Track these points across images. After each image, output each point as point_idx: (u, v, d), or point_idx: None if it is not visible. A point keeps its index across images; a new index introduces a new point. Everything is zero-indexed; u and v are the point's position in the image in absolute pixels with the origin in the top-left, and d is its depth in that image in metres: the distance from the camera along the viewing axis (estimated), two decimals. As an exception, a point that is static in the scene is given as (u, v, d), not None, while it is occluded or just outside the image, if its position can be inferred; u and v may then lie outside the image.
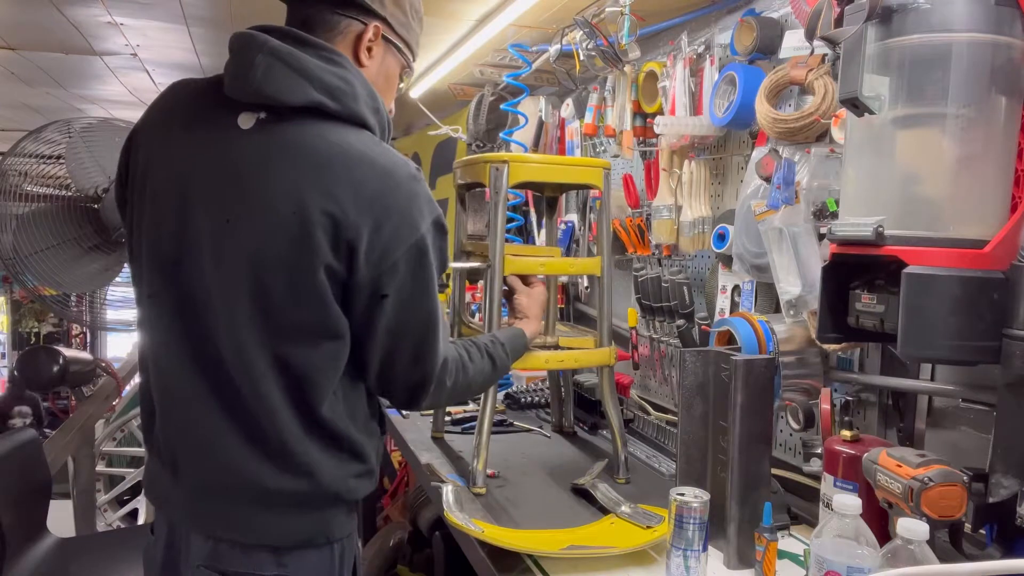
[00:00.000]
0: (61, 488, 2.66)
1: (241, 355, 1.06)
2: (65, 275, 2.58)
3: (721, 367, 1.33)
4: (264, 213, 1.04)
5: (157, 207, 1.12)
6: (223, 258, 1.06)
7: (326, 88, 1.07)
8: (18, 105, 3.71)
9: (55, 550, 2.06)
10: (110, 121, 2.77)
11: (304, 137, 1.06)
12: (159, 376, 1.14)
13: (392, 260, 1.07)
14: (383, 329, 1.11)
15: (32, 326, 6.21)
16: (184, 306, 1.09)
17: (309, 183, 1.03)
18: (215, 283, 1.07)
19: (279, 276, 1.04)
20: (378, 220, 1.05)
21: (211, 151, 1.09)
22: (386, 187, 1.07)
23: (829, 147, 1.42)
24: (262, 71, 1.04)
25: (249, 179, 1.06)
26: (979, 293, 1.01)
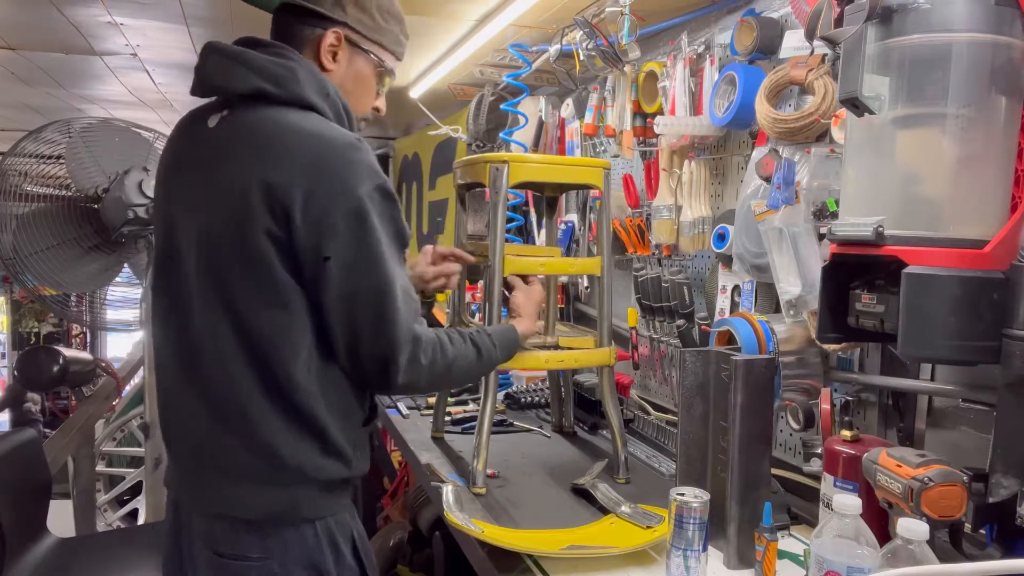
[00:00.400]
0: (61, 488, 2.66)
1: (208, 331, 1.15)
2: (65, 275, 2.58)
3: (721, 367, 1.33)
4: (216, 193, 1.15)
5: (156, 212, 1.29)
6: (190, 240, 1.17)
7: (268, 76, 1.17)
8: (18, 105, 3.71)
9: (55, 550, 2.06)
10: (110, 121, 2.77)
11: (253, 121, 1.16)
12: (157, 364, 1.27)
13: (329, 222, 1.11)
14: (336, 296, 1.13)
15: (32, 326, 6.21)
16: (168, 293, 1.22)
17: (252, 158, 1.13)
18: (188, 266, 1.18)
19: (227, 248, 1.13)
20: (312, 182, 1.11)
21: (185, 153, 1.25)
22: (321, 153, 1.13)
23: (829, 147, 1.42)
24: (211, 66, 1.20)
25: (208, 168, 1.18)
26: (979, 293, 1.01)
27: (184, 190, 1.22)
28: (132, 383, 3.55)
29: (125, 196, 2.50)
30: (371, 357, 1.17)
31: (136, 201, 2.52)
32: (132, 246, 2.69)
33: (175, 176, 1.25)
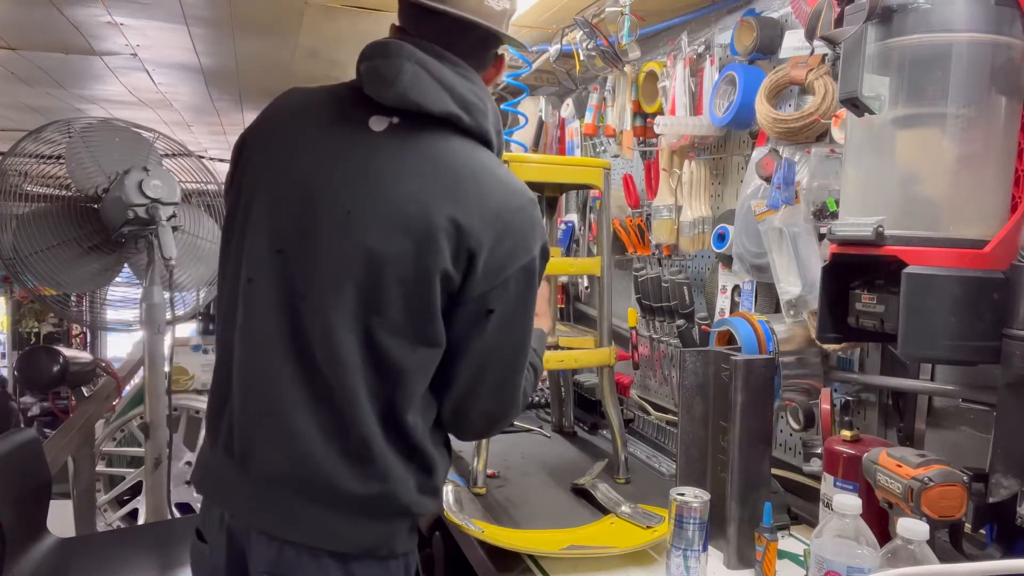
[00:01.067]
0: (61, 488, 2.66)
1: (335, 348, 1.04)
2: (65, 275, 2.58)
3: (721, 367, 1.33)
4: (389, 211, 1.04)
5: (275, 197, 1.10)
6: (336, 249, 1.05)
7: (463, 102, 1.09)
8: (18, 105, 3.70)
9: (55, 550, 2.06)
10: (110, 121, 2.77)
11: (436, 147, 1.08)
12: (246, 359, 1.11)
13: (504, 276, 1.07)
14: (480, 348, 1.09)
15: (32, 326, 6.21)
16: (283, 293, 1.08)
17: (438, 190, 1.05)
18: (321, 274, 1.06)
19: (394, 274, 1.03)
20: (500, 234, 1.06)
21: (340, 148, 1.10)
22: (510, 205, 1.09)
23: (829, 147, 1.42)
24: (409, 77, 1.06)
25: (376, 177, 1.06)
26: (979, 293, 1.01)
27: (333, 186, 1.07)
28: (132, 383, 3.55)
29: (125, 196, 2.50)
30: (481, 410, 1.14)
31: (136, 201, 2.52)
32: (132, 246, 2.69)
33: (317, 164, 1.09)
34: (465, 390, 1.12)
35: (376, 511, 1.09)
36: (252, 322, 1.10)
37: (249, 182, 1.14)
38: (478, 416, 1.15)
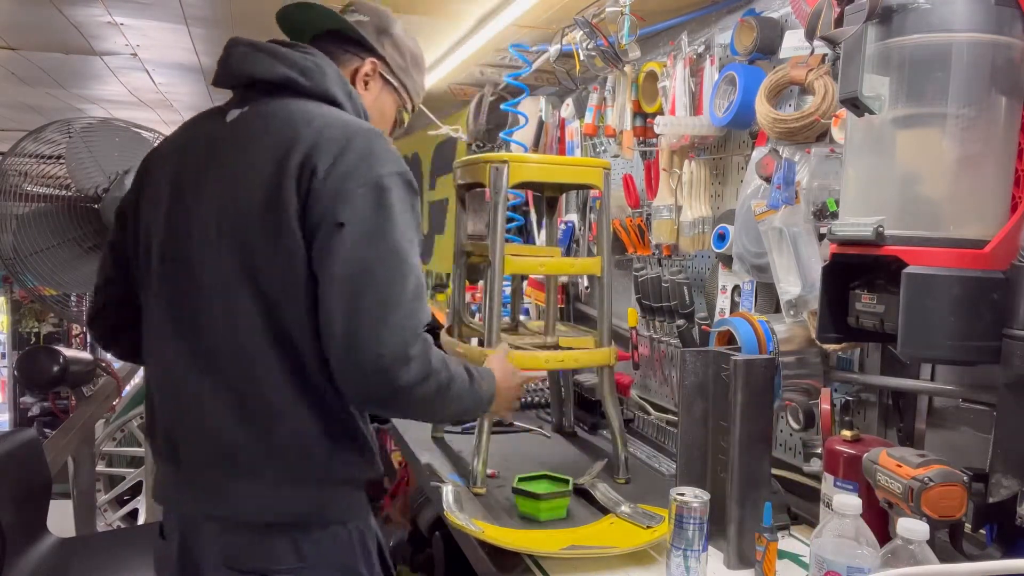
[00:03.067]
0: (61, 488, 2.66)
1: (229, 318, 1.10)
2: (65, 275, 2.58)
3: (721, 367, 1.33)
4: (241, 173, 1.12)
5: (154, 206, 1.21)
6: (207, 228, 1.12)
7: (295, 66, 1.18)
8: (18, 105, 3.71)
9: (55, 550, 2.06)
10: (110, 121, 2.76)
11: (278, 109, 1.16)
12: (155, 363, 1.21)
13: (347, 188, 1.07)
14: (342, 269, 1.04)
15: (32, 326, 6.21)
16: (174, 289, 1.16)
17: (279, 139, 1.11)
18: (204, 257, 1.12)
19: (253, 224, 1.09)
20: (338, 154, 1.09)
21: (198, 145, 1.20)
22: (350, 134, 1.12)
23: (829, 147, 1.42)
24: (238, 56, 1.19)
25: (228, 152, 1.15)
26: (979, 293, 1.01)
27: (201, 184, 1.15)
28: (132, 383, 3.55)
29: (125, 196, 2.50)
30: (373, 349, 1.02)
31: (136, 201, 2.52)
32: (132, 246, 2.69)
33: (184, 175, 1.18)
34: (343, 326, 1.03)
35: (301, 477, 1.11)
36: (155, 328, 1.20)
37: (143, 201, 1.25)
38: (370, 354, 1.03)
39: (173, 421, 1.17)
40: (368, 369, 1.04)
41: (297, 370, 1.09)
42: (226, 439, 1.11)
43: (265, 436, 1.10)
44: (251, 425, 1.10)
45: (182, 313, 1.15)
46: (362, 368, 1.04)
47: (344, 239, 1.05)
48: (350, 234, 1.05)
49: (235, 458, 1.11)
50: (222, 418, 1.11)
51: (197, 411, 1.13)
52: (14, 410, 6.01)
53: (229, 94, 1.25)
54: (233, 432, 1.10)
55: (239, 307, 1.09)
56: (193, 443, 1.15)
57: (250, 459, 1.10)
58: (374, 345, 1.03)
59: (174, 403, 1.17)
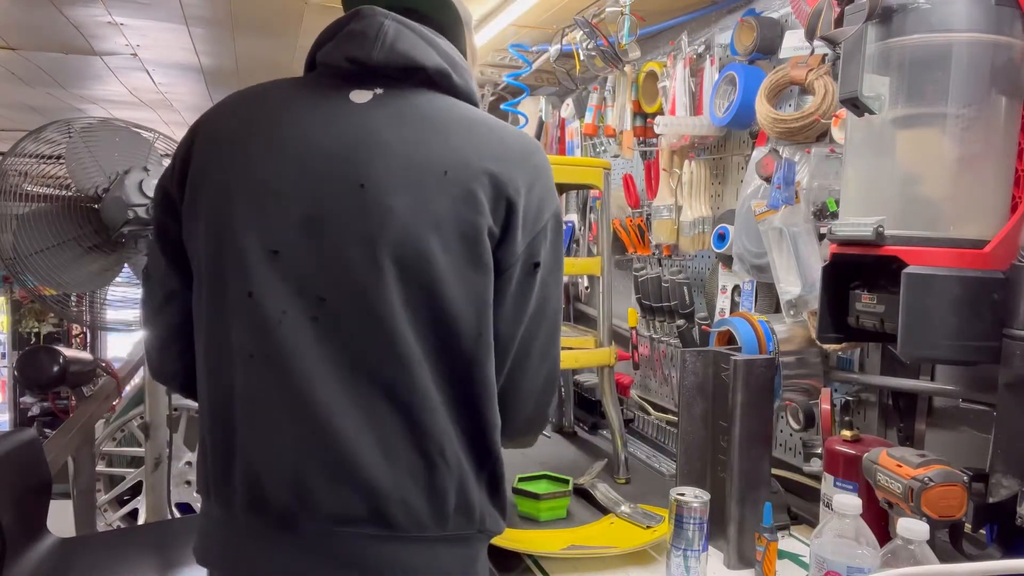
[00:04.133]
0: (61, 488, 2.66)
1: (390, 345, 0.87)
2: (65, 275, 2.57)
3: (721, 367, 1.33)
4: (411, 174, 0.89)
5: (253, 194, 0.92)
6: (354, 233, 0.88)
7: (449, 59, 0.98)
8: (18, 105, 3.70)
9: (55, 550, 2.06)
10: (110, 121, 2.76)
11: (434, 105, 0.95)
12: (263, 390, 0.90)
13: (543, 224, 0.95)
14: (530, 309, 0.95)
15: (32, 326, 6.21)
16: (298, 300, 0.89)
17: (456, 142, 0.92)
18: (343, 265, 0.89)
19: (438, 241, 0.88)
20: (531, 177, 0.94)
21: (326, 128, 0.93)
22: (529, 147, 0.98)
23: (829, 147, 1.42)
24: (393, 32, 0.95)
25: (382, 144, 0.91)
26: (979, 293, 1.01)
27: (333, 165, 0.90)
28: (132, 383, 3.54)
29: (125, 196, 2.50)
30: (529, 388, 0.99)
31: (136, 201, 2.52)
32: (132, 246, 2.69)
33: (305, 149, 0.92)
34: (514, 364, 0.96)
35: (456, 534, 0.93)
36: (264, 342, 0.89)
37: (210, 182, 0.94)
38: (527, 395, 1.00)
39: (295, 465, 0.89)
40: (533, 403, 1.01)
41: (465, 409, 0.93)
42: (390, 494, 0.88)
43: (432, 490, 0.90)
44: (417, 476, 0.89)
45: (316, 326, 0.89)
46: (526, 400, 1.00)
47: (537, 280, 0.96)
48: (541, 274, 0.96)
49: (394, 517, 0.89)
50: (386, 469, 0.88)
51: (348, 456, 0.87)
52: (14, 410, 6.01)
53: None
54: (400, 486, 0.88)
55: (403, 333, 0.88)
56: (331, 494, 0.88)
57: (411, 518, 0.89)
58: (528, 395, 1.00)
59: (304, 441, 0.89)
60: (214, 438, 0.94)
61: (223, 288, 0.92)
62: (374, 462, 0.87)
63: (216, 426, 0.94)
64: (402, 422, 0.89)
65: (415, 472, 0.89)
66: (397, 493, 0.88)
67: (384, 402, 0.88)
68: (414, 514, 0.89)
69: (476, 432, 0.93)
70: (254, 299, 0.89)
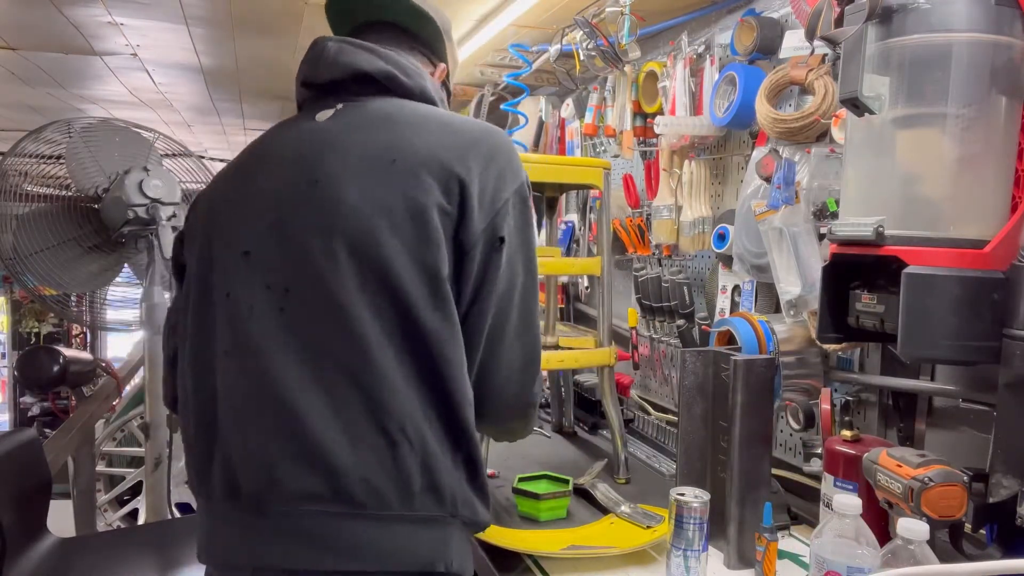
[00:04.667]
0: (61, 488, 2.66)
1: (350, 329, 0.91)
2: (65, 275, 2.58)
3: (721, 367, 1.33)
4: (361, 167, 0.96)
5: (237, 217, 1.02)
6: (311, 225, 0.95)
7: (397, 65, 1.07)
8: (18, 105, 3.70)
9: (55, 550, 2.06)
10: (110, 121, 2.76)
11: (389, 108, 1.04)
12: (237, 382, 0.95)
13: (503, 200, 0.98)
14: (499, 286, 0.97)
15: (32, 326, 6.21)
16: (266, 294, 0.95)
17: (407, 135, 0.98)
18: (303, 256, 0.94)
19: (387, 225, 0.92)
20: (484, 158, 0.99)
21: (291, 145, 1.03)
22: (485, 132, 1.03)
23: (829, 147, 1.42)
24: (335, 51, 1.06)
25: (337, 146, 0.99)
26: (979, 293, 1.01)
27: (297, 170, 0.99)
28: (132, 383, 3.54)
29: (125, 196, 2.51)
30: (508, 369, 1.00)
31: (136, 201, 2.52)
32: (132, 246, 2.69)
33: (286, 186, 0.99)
34: (488, 347, 0.98)
35: (425, 515, 0.94)
36: (238, 337, 0.95)
37: (206, 211, 1.08)
38: (505, 376, 1.00)
39: (265, 450, 0.92)
40: (504, 387, 1.01)
41: (432, 390, 0.94)
42: (351, 474, 0.90)
43: (398, 471, 0.91)
44: (383, 457, 0.91)
45: (282, 317, 0.94)
46: (495, 388, 1.00)
47: (504, 255, 0.98)
48: (507, 250, 0.98)
49: (360, 497, 0.91)
50: (348, 450, 0.90)
51: (311, 438, 0.91)
52: (14, 410, 6.01)
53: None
54: (363, 466, 0.90)
55: (361, 318, 0.91)
56: (297, 476, 0.91)
57: (378, 499, 0.91)
58: (507, 377, 1.01)
59: (270, 426, 0.93)
60: (198, 437, 1.00)
61: (209, 295, 1.01)
62: (337, 442, 0.91)
63: (200, 425, 1.00)
64: (364, 403, 0.91)
65: (378, 451, 0.91)
66: (358, 471, 0.91)
67: (346, 384, 0.92)
68: (377, 492, 0.91)
69: (446, 409, 0.95)
70: (231, 298, 0.98)
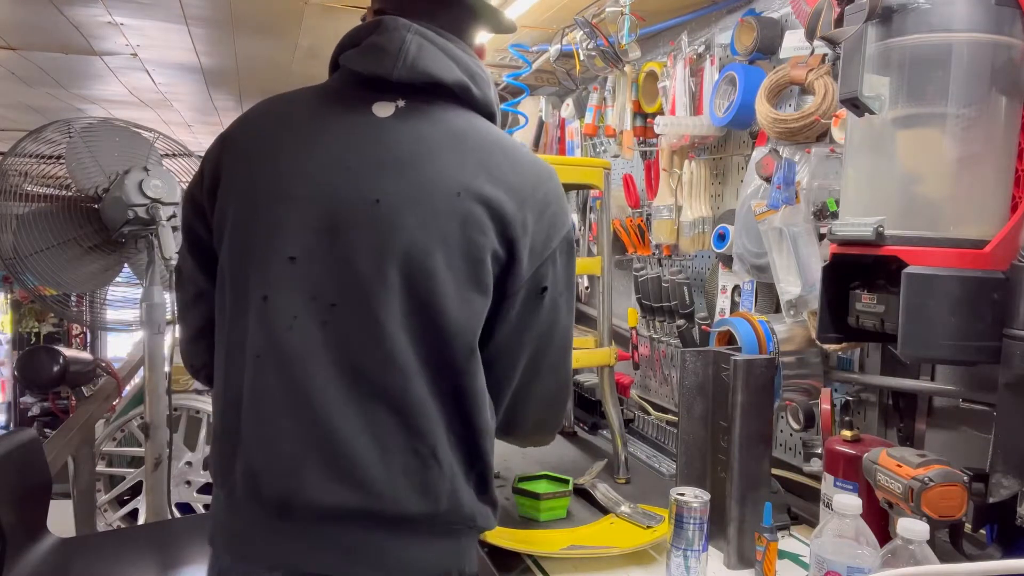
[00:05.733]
0: (61, 488, 2.66)
1: (389, 353, 0.92)
2: (65, 275, 2.58)
3: (721, 367, 1.33)
4: (423, 194, 0.93)
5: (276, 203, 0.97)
6: (368, 245, 0.93)
7: (468, 72, 1.02)
8: (18, 105, 3.70)
9: (55, 550, 2.06)
10: (110, 121, 2.77)
11: (454, 122, 1.00)
12: (269, 387, 0.94)
13: (552, 249, 0.99)
14: (536, 331, 1.01)
15: (32, 326, 6.21)
16: (310, 304, 0.94)
17: (471, 165, 0.96)
18: (355, 274, 0.93)
19: (443, 260, 0.92)
20: (541, 207, 0.99)
21: (348, 140, 0.98)
22: (542, 175, 1.02)
23: (829, 147, 1.42)
24: (415, 47, 0.98)
25: (399, 160, 0.95)
26: (979, 293, 1.01)
27: (355, 179, 0.95)
28: (132, 383, 3.54)
29: (125, 196, 2.51)
30: (538, 400, 1.05)
31: (136, 201, 2.52)
32: (132, 246, 2.69)
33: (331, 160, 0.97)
34: (523, 380, 1.02)
35: (445, 528, 0.98)
36: (275, 344, 0.94)
37: (238, 192, 1.00)
38: (537, 404, 1.06)
39: (295, 458, 0.93)
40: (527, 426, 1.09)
41: (456, 414, 0.97)
42: (382, 490, 0.92)
43: (423, 487, 0.94)
44: (410, 474, 0.93)
45: (325, 330, 0.94)
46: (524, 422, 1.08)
47: (544, 303, 1.00)
48: (549, 298, 1.00)
49: (384, 511, 0.93)
50: (380, 466, 0.92)
51: (345, 452, 0.92)
52: (14, 410, 6.01)
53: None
54: (392, 483, 0.93)
55: (400, 342, 0.92)
56: (327, 488, 0.92)
57: (401, 512, 0.94)
58: (537, 407, 1.07)
59: (303, 436, 0.93)
60: (222, 431, 1.00)
61: (245, 292, 0.97)
62: (370, 460, 0.92)
63: (225, 420, 1.00)
64: (399, 425, 0.93)
65: (409, 471, 0.94)
66: (390, 490, 0.93)
67: (382, 406, 0.93)
68: (405, 509, 0.94)
69: (467, 437, 0.98)
70: (269, 302, 0.95)
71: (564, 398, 1.12)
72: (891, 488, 1.08)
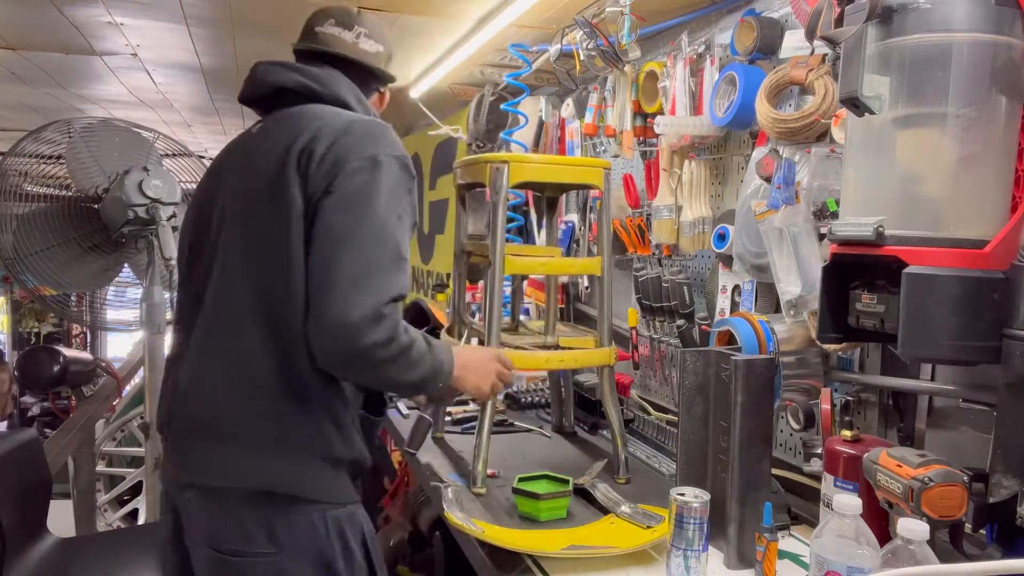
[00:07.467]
0: (61, 488, 2.66)
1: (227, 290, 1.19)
2: (65, 275, 2.58)
3: (721, 367, 1.33)
4: (253, 164, 1.23)
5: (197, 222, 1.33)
6: (223, 212, 1.24)
7: (312, 76, 1.30)
8: (18, 105, 3.71)
9: (55, 550, 2.06)
10: (110, 121, 2.77)
11: (294, 112, 1.26)
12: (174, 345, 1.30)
13: (343, 163, 1.15)
14: (324, 230, 1.13)
15: (32, 326, 6.21)
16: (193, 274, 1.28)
17: (288, 132, 1.21)
18: (218, 239, 1.23)
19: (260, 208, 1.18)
20: (339, 135, 1.18)
21: (226, 158, 1.35)
22: (352, 121, 1.23)
23: (829, 147, 1.42)
24: (263, 70, 1.32)
25: (249, 153, 1.28)
26: (979, 293, 1.01)
27: (225, 182, 1.29)
28: (132, 383, 3.55)
29: (125, 196, 2.51)
30: (340, 311, 1.08)
31: (136, 201, 2.52)
32: (132, 246, 2.69)
33: (216, 179, 1.32)
34: (317, 281, 1.11)
35: (272, 446, 1.16)
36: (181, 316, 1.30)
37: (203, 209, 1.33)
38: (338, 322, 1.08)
39: (175, 395, 1.25)
40: (333, 328, 1.10)
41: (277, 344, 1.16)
42: (221, 406, 1.18)
43: (246, 405, 1.16)
44: (235, 394, 1.17)
45: (193, 291, 1.26)
46: (327, 327, 1.11)
47: (327, 204, 1.13)
48: (335, 200, 1.13)
49: (216, 425, 1.18)
50: (212, 389, 1.19)
51: (195, 384, 1.21)
52: (14, 410, 6.00)
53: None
54: (218, 402, 1.18)
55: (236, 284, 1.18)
56: (182, 412, 1.23)
57: (228, 425, 1.17)
58: (342, 305, 1.09)
59: (181, 372, 1.24)
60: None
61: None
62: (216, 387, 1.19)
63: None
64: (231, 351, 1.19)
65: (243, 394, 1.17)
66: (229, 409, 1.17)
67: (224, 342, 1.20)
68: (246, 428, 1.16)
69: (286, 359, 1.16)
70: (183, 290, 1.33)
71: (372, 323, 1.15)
72: (891, 488, 1.08)
